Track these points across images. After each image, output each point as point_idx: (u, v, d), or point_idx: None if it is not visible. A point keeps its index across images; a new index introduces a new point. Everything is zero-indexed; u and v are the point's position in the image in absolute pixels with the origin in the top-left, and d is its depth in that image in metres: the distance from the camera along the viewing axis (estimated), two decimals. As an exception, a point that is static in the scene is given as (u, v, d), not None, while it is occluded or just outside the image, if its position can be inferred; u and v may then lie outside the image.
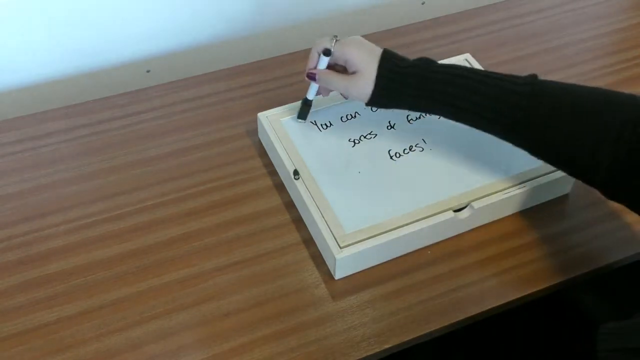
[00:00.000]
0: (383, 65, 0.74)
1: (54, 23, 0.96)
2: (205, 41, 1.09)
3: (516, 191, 0.78)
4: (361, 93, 0.75)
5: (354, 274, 0.75)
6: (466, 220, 0.77)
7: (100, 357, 0.67)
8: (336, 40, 0.77)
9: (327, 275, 0.75)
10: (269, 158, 0.87)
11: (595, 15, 1.11)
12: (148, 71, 1.08)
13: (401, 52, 1.02)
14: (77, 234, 0.78)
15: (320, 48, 0.77)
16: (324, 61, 0.78)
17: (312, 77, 0.80)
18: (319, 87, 0.82)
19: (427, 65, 0.73)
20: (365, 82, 0.74)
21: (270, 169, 0.86)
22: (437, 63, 0.74)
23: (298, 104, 0.87)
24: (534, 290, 0.74)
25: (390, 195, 0.77)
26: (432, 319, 0.71)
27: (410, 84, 0.73)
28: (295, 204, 0.81)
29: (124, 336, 0.69)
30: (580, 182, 0.82)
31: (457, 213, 0.76)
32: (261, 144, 0.89)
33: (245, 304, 0.72)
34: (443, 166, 0.81)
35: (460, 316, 0.71)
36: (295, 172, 0.79)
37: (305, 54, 1.03)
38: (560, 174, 0.79)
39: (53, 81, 1.03)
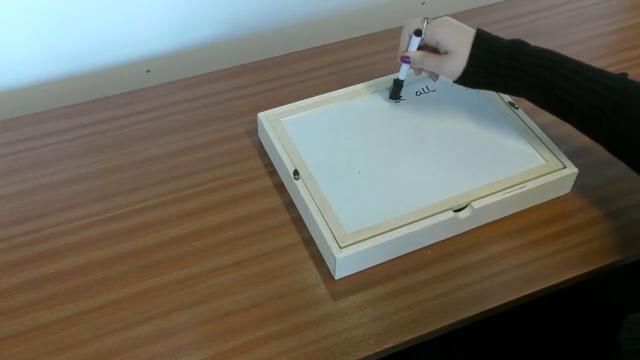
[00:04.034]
0: (477, 44, 0.75)
1: (54, 23, 0.96)
2: (205, 41, 1.09)
3: (516, 191, 0.78)
4: (453, 71, 0.77)
5: (354, 274, 0.75)
6: (466, 220, 0.77)
7: (100, 357, 0.67)
8: (427, 22, 0.78)
9: (327, 275, 0.75)
10: (269, 158, 0.87)
11: (595, 15, 1.11)
12: (148, 71, 1.08)
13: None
14: (77, 234, 0.78)
15: (411, 29, 0.79)
16: (415, 42, 0.80)
17: (406, 60, 0.81)
18: (413, 68, 0.83)
19: (520, 47, 0.74)
20: (458, 60, 0.76)
21: (270, 169, 0.86)
22: (531, 46, 0.75)
23: (298, 104, 0.87)
24: (534, 290, 0.74)
25: (390, 195, 0.77)
26: (432, 319, 0.71)
27: (502, 64, 0.74)
28: (295, 204, 0.81)
29: (124, 336, 0.69)
30: (580, 182, 0.82)
31: (457, 213, 0.76)
32: (261, 144, 0.89)
33: (245, 304, 0.72)
34: (443, 166, 0.81)
35: (460, 316, 0.71)
36: (295, 172, 0.79)
37: (304, 53, 1.04)
38: (560, 174, 0.79)
39: (53, 81, 1.03)
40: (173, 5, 1.02)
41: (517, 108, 0.87)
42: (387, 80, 0.91)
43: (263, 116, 0.86)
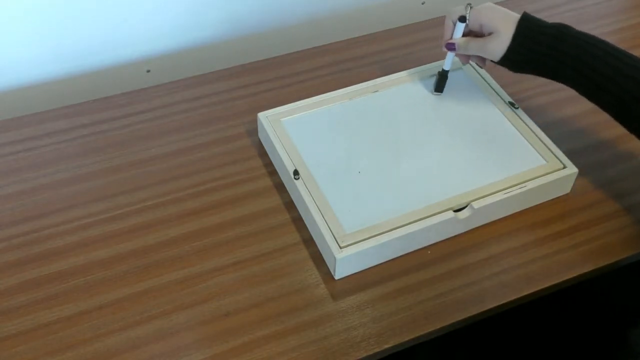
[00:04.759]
0: (522, 24, 0.76)
1: (54, 23, 0.96)
2: (205, 41, 1.09)
3: (516, 191, 0.78)
4: (496, 50, 0.78)
5: (354, 274, 0.75)
6: (466, 220, 0.77)
7: (100, 357, 0.67)
8: (470, 8, 0.79)
9: (327, 275, 0.75)
10: (269, 158, 0.87)
11: (595, 15, 1.11)
12: (148, 71, 1.08)
13: (401, 52, 1.03)
14: (77, 234, 0.78)
15: (455, 17, 0.80)
16: (460, 28, 0.81)
17: (451, 47, 0.82)
18: (459, 56, 0.84)
19: (565, 29, 0.75)
20: (502, 40, 0.77)
21: (270, 169, 0.86)
22: (576, 30, 0.75)
23: (298, 104, 0.87)
24: (534, 290, 0.74)
25: (390, 195, 0.77)
26: (432, 319, 0.71)
27: (545, 44, 0.75)
28: (295, 204, 0.81)
29: (124, 336, 0.69)
30: (580, 182, 0.83)
31: (457, 213, 0.76)
32: (261, 144, 0.89)
33: (245, 304, 0.72)
34: (443, 166, 0.81)
35: (460, 316, 0.71)
36: (295, 172, 0.79)
37: (304, 53, 1.04)
38: (560, 174, 0.79)
39: (53, 81, 1.03)
40: (173, 5, 1.02)
41: (517, 108, 0.87)
42: (388, 80, 0.91)
43: (263, 116, 0.86)
